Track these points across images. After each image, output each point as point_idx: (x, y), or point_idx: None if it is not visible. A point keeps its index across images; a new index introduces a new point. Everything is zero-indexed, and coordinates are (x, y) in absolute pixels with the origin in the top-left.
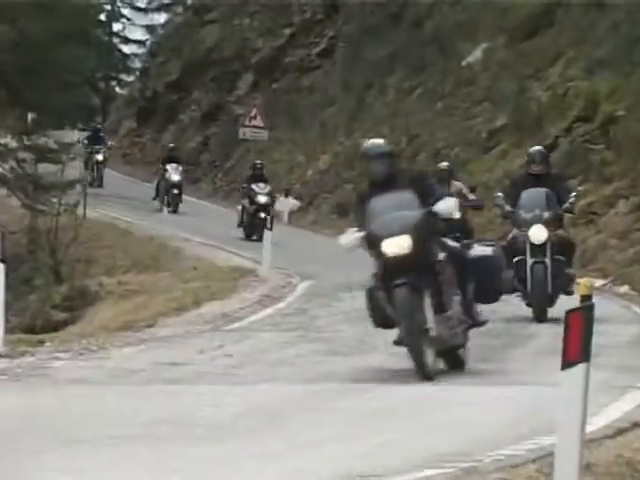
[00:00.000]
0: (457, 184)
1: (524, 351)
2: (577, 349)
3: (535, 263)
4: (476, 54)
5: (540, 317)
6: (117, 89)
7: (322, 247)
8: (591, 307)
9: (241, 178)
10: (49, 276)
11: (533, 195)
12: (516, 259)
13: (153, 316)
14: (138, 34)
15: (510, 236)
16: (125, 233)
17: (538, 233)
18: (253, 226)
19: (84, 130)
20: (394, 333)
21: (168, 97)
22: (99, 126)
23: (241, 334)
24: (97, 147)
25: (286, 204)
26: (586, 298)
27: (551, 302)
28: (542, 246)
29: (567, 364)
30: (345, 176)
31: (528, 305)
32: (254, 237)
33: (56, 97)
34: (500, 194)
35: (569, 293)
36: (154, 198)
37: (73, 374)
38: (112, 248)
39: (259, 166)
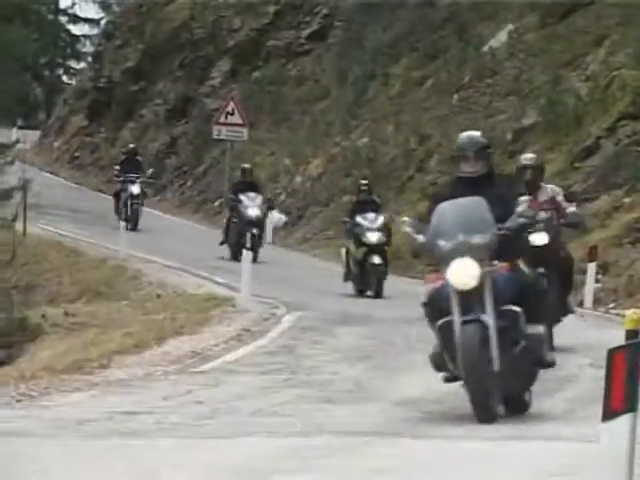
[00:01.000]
0: (550, 189)
1: (558, 398)
2: (621, 396)
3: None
4: (500, 37)
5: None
6: (64, 78)
7: (313, 271)
8: (638, 346)
9: (215, 186)
10: None
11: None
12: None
13: (107, 355)
14: (90, 12)
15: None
16: (73, 253)
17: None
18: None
19: (24, 128)
20: (402, 376)
21: (126, 88)
22: (133, 146)
23: (214, 377)
24: (132, 175)
25: (270, 219)
26: (632, 334)
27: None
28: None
29: (609, 414)
30: (342, 184)
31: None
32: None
33: None
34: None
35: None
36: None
37: (8, 425)
38: (57, 271)
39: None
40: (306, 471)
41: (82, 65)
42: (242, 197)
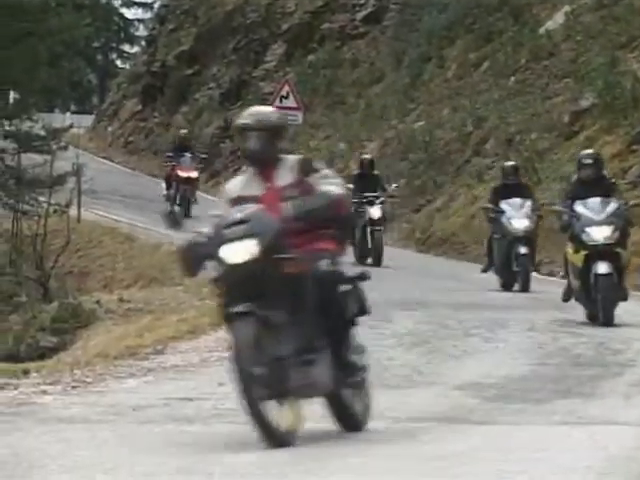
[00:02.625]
0: None
1: (617, 383)
2: None
3: None
4: (557, 19)
5: None
6: (118, 63)
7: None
8: None
9: None
10: (35, 292)
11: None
12: None
13: (162, 341)
14: None
15: None
16: (127, 239)
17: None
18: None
19: (78, 113)
20: (459, 362)
21: (180, 72)
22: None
23: None
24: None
25: None
26: None
27: None
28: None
29: None
30: (398, 168)
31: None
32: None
33: (43, 72)
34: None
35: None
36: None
37: (64, 412)
38: (111, 257)
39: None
40: (365, 456)
41: (135, 49)
42: (504, 206)
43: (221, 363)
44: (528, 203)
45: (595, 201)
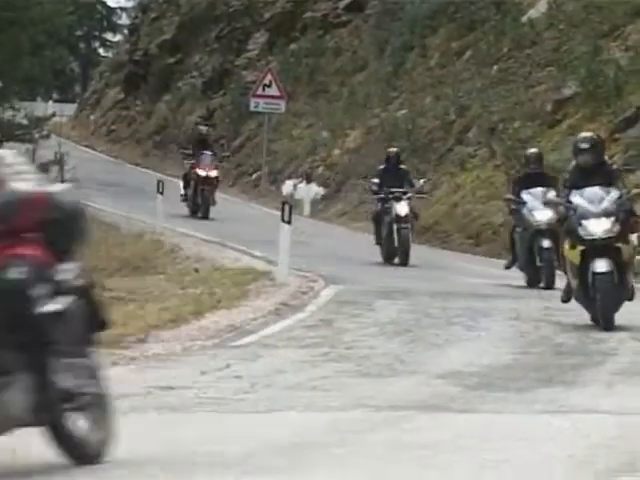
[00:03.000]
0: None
1: (599, 372)
2: None
3: None
4: (539, 7)
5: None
6: (101, 51)
7: (352, 244)
8: None
9: (252, 160)
10: None
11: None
12: None
13: (144, 329)
14: None
15: None
16: (110, 228)
17: None
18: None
19: (60, 101)
20: (441, 351)
21: (162, 60)
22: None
23: (253, 351)
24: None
25: (308, 192)
26: None
27: None
28: None
29: None
30: (380, 157)
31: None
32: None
33: (25, 61)
34: None
35: None
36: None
37: None
38: (94, 246)
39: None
40: (345, 446)
41: (118, 38)
42: (526, 196)
43: (203, 352)
44: (551, 193)
45: (593, 190)
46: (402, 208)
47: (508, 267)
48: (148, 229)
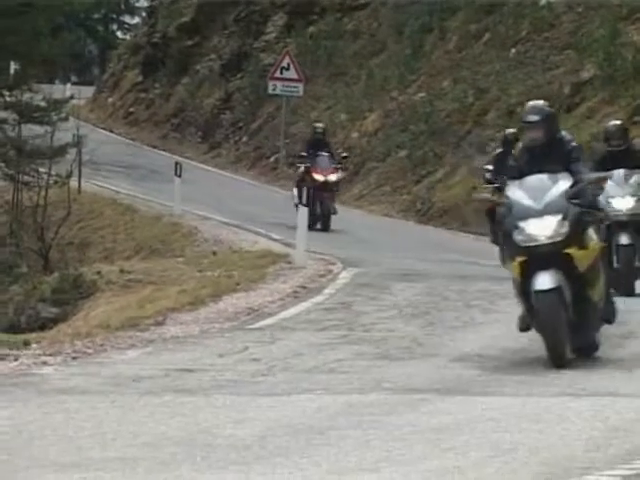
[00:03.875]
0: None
1: (618, 355)
2: None
3: None
4: None
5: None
6: (119, 34)
7: (370, 227)
8: None
9: (270, 142)
10: (36, 263)
11: None
12: None
13: (162, 312)
14: None
15: None
16: (128, 210)
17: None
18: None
19: (78, 84)
20: (459, 334)
21: (181, 43)
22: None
23: (271, 334)
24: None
25: None
26: None
27: None
28: None
29: None
30: (398, 140)
31: None
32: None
33: (44, 43)
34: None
35: None
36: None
37: (64, 383)
38: (112, 228)
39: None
40: (363, 428)
41: (136, 20)
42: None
43: (221, 335)
44: (637, 176)
45: (536, 179)
46: None
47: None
48: (166, 212)
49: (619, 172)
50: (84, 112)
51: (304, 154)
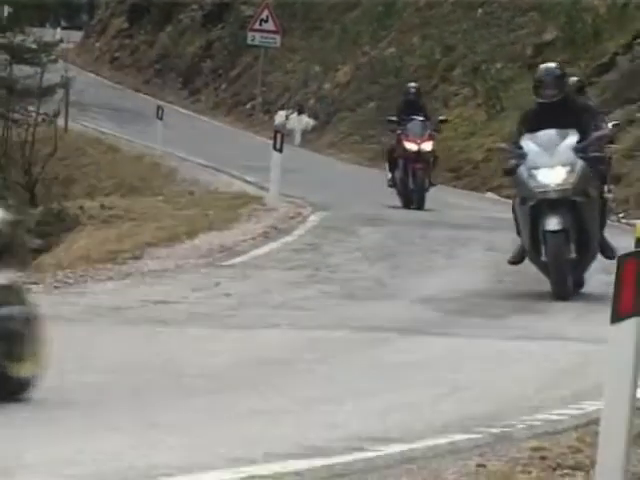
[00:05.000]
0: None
1: (569, 301)
2: (630, 300)
3: None
4: None
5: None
6: None
7: (339, 174)
8: None
9: (247, 90)
10: (22, 196)
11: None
12: None
13: (140, 246)
14: None
15: None
16: (111, 149)
17: None
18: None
19: (68, 28)
20: (422, 278)
21: None
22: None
23: (242, 271)
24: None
25: (299, 122)
26: None
27: None
28: None
29: (617, 317)
30: (369, 92)
31: None
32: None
33: None
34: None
35: None
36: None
37: (45, 310)
38: (95, 166)
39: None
40: (327, 362)
41: None
42: (527, 143)
43: (196, 270)
44: (572, 137)
45: (548, 133)
46: None
47: (513, 262)
48: (147, 152)
49: (548, 133)
50: (72, 56)
51: (394, 119)
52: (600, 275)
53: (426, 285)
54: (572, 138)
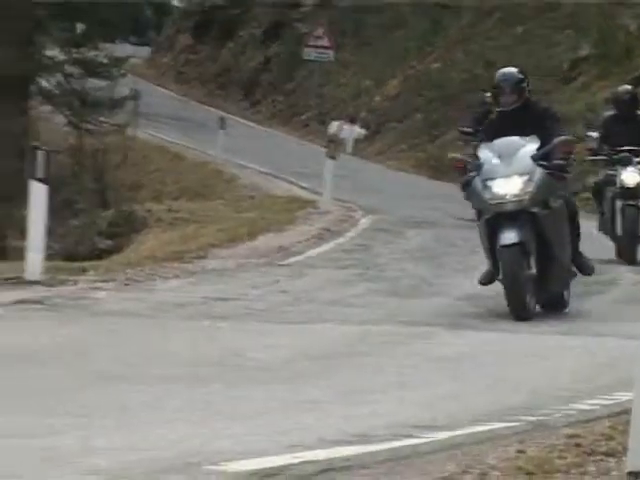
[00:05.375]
0: None
1: (604, 299)
2: None
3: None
4: None
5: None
6: (174, 2)
7: (388, 180)
8: None
9: (303, 102)
10: (94, 200)
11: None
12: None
13: (203, 247)
14: None
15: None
16: (176, 157)
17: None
18: None
19: (136, 44)
20: (464, 275)
21: (227, 11)
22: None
23: (298, 269)
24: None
25: (351, 132)
26: None
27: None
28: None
29: None
30: (415, 104)
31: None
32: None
33: (107, 7)
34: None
35: None
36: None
37: (116, 306)
38: (161, 173)
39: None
40: (376, 355)
41: None
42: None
43: (255, 269)
44: (531, 145)
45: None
46: (632, 177)
47: (482, 283)
48: (210, 160)
49: (505, 141)
50: (141, 70)
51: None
52: (629, 275)
53: (468, 283)
54: (531, 145)
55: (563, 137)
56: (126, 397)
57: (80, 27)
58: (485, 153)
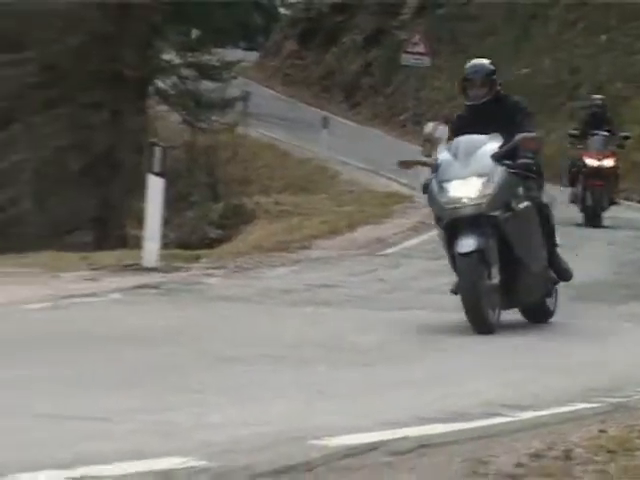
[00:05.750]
0: None
1: None
2: None
3: None
4: None
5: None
6: (281, 10)
7: None
8: None
9: (401, 103)
10: (206, 193)
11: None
12: None
13: (307, 238)
14: None
15: None
16: (283, 154)
17: None
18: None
19: (246, 49)
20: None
21: (331, 19)
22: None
23: (394, 260)
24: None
25: (445, 132)
26: None
27: None
28: None
29: None
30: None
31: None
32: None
33: (220, 14)
34: None
35: None
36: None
37: (226, 291)
38: (269, 168)
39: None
40: (468, 341)
41: None
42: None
43: (354, 258)
44: (492, 143)
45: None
46: None
47: (454, 292)
48: (314, 157)
49: (465, 139)
50: (250, 73)
51: (576, 132)
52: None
53: None
54: (492, 144)
55: (526, 133)
56: (238, 376)
57: (195, 33)
58: (443, 153)
